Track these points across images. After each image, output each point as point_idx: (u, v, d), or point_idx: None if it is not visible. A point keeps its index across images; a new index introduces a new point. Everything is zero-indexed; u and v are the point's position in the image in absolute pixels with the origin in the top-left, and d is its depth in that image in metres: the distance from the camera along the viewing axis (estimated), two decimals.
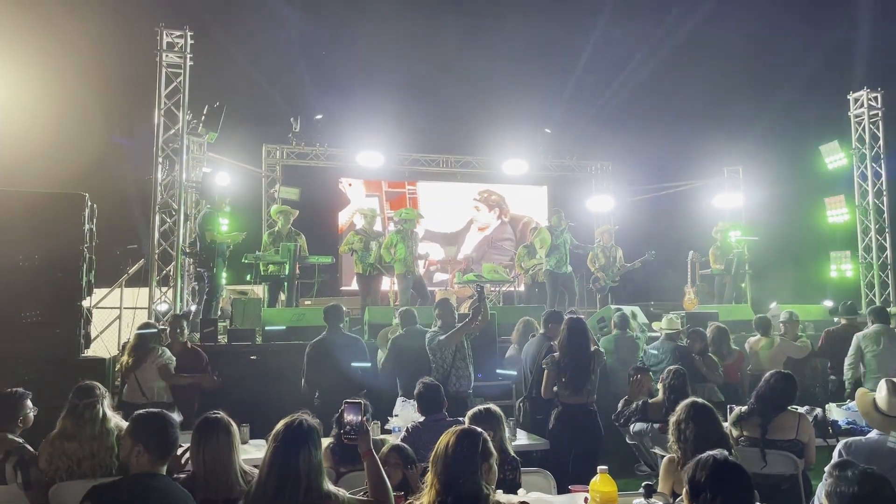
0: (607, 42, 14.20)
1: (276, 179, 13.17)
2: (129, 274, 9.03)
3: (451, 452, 2.78)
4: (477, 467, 2.76)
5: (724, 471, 2.40)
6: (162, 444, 3.04)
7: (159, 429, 3.08)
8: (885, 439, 3.67)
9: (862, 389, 4.05)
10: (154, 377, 6.18)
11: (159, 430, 3.07)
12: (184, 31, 8.22)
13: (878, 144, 10.74)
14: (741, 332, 9.12)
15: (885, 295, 10.51)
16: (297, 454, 2.78)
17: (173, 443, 3.11)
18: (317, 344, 6.61)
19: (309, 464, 2.78)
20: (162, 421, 3.13)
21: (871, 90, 10.79)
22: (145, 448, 2.99)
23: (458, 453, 2.77)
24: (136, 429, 3.08)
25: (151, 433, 3.04)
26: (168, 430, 3.10)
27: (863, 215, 10.86)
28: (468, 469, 2.75)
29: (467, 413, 4.06)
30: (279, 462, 2.79)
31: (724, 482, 2.38)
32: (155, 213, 8.12)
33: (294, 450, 2.79)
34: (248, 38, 12.93)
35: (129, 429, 3.12)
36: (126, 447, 3.07)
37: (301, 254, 9.82)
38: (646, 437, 5.52)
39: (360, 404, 3.11)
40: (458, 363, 6.33)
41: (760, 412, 4.47)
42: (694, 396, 4.25)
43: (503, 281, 10.83)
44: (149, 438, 3.02)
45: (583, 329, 5.65)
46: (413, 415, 5.15)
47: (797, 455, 4.36)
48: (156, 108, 8.19)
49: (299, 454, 2.77)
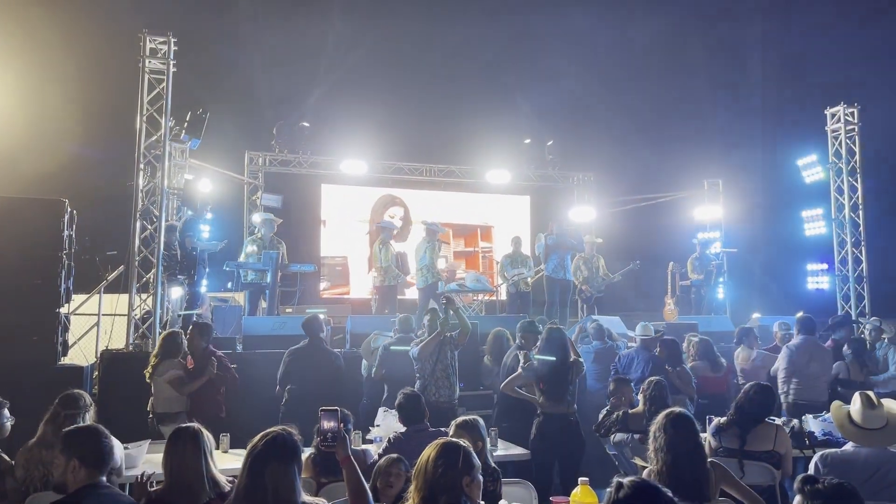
0: (590, 54, 14.36)
1: (258, 186, 13.12)
2: (108, 280, 8.94)
3: (432, 467, 2.79)
4: (459, 481, 2.77)
5: (643, 492, 2.32)
6: (96, 455, 3.04)
7: (91, 440, 3.08)
8: (860, 451, 3.73)
9: (837, 402, 4.10)
10: (164, 389, 6.18)
11: (91, 442, 3.07)
12: (167, 38, 8.17)
13: (854, 159, 10.92)
14: (720, 343, 9.23)
15: (861, 307, 10.67)
16: (265, 469, 2.75)
17: (107, 452, 3.10)
18: (295, 352, 6.62)
19: (277, 479, 2.73)
20: (92, 432, 3.13)
21: (847, 105, 10.97)
22: (80, 461, 2.99)
23: (440, 468, 2.78)
24: (67, 445, 3.07)
25: (83, 445, 3.04)
26: (99, 440, 3.10)
27: (839, 229, 11.02)
28: (450, 483, 2.76)
29: (451, 423, 4.07)
30: (248, 475, 2.78)
31: None
32: (136, 220, 8.05)
33: (261, 465, 2.77)
34: (232, 45, 12.92)
35: (60, 447, 3.10)
36: (60, 465, 3.06)
37: (282, 262, 9.80)
38: (626, 447, 5.55)
39: (337, 411, 3.11)
40: (437, 374, 6.35)
41: (739, 423, 4.53)
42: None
43: (486, 290, 10.86)
44: (82, 451, 3.01)
45: (562, 339, 5.69)
46: (395, 425, 5.15)
47: (775, 466, 4.42)
48: (138, 113, 8.13)
49: (266, 469, 2.75)
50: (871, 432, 3.76)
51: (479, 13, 14.44)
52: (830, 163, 11.08)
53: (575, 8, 14.52)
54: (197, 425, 3.24)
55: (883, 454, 3.68)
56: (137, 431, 5.73)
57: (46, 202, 7.22)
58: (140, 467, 4.87)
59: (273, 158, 13.34)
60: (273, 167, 13.38)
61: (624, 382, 6.19)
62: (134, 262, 7.99)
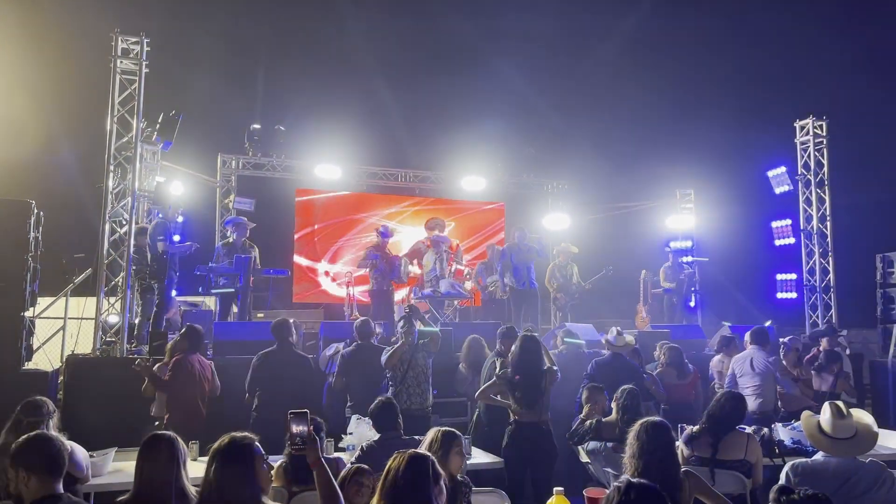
0: (564, 64, 14.48)
1: (230, 190, 12.97)
2: (75, 283, 8.77)
3: (402, 480, 2.77)
4: (430, 492, 2.75)
5: (638, 492, 2.44)
6: (43, 463, 2.95)
7: (35, 448, 2.99)
8: (829, 461, 3.77)
9: (807, 412, 4.15)
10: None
11: (36, 450, 2.98)
12: (139, 38, 8.06)
13: (822, 171, 11.11)
14: (691, 350, 9.32)
15: (828, 316, 10.85)
16: (219, 473, 2.77)
17: (54, 457, 3.00)
18: (265, 357, 6.52)
19: (230, 483, 2.77)
20: (36, 440, 3.05)
21: (816, 118, 11.17)
22: (27, 471, 2.90)
23: (409, 480, 2.76)
24: (14, 457, 2.98)
25: (27, 454, 2.96)
26: (45, 447, 3.01)
27: (807, 239, 11.21)
28: (420, 496, 2.74)
29: (429, 433, 4.04)
30: (205, 481, 2.79)
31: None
32: (105, 222, 7.90)
33: (215, 469, 2.79)
34: (206, 47, 12.78)
35: (9, 460, 3.01)
36: (12, 479, 2.96)
37: (255, 266, 9.68)
38: (599, 455, 5.55)
39: (307, 413, 3.08)
40: (409, 381, 6.33)
41: (711, 432, 4.56)
42: (647, 416, 4.32)
43: (461, 297, 10.84)
44: (29, 461, 2.93)
45: (535, 346, 5.69)
46: (368, 433, 5.11)
47: (745, 475, 4.46)
48: (108, 114, 7.99)
49: (220, 473, 2.77)
50: (841, 442, 3.80)
51: (456, 20, 14.47)
52: (799, 174, 11.26)
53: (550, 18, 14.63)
54: (171, 434, 3.17)
55: (853, 464, 3.72)
56: (104, 439, 5.61)
57: (12, 203, 7.06)
58: (106, 476, 4.77)
59: (246, 162, 13.21)
60: (246, 170, 13.25)
61: (597, 390, 6.20)
62: (102, 265, 7.84)
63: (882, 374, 8.98)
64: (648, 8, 14.48)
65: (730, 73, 13.32)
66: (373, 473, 3.77)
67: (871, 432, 3.89)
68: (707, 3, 14.56)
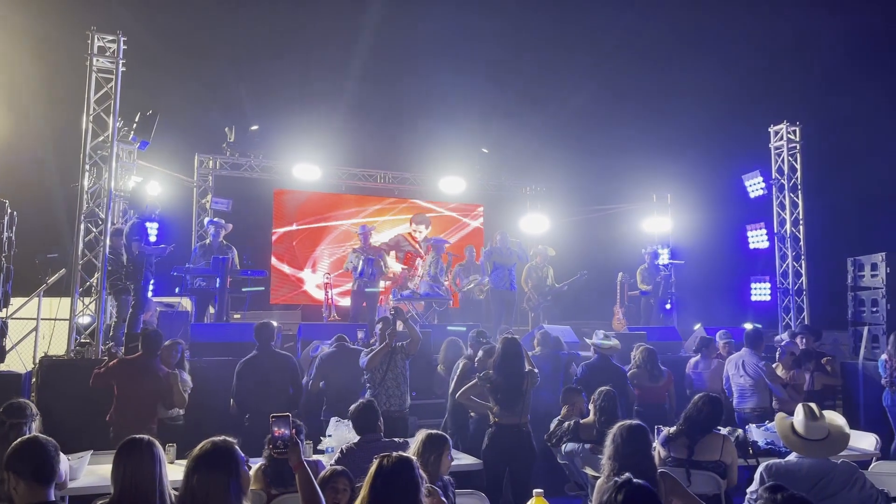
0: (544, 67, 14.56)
1: (208, 190, 12.86)
2: (49, 284, 8.64)
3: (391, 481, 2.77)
4: (419, 494, 2.77)
5: (633, 493, 2.49)
6: (33, 469, 2.93)
7: (28, 454, 2.97)
8: (802, 461, 3.84)
9: (781, 414, 4.22)
10: None
11: (28, 456, 2.97)
12: (116, 36, 7.97)
13: (795, 176, 11.28)
14: (667, 353, 9.42)
15: (801, 319, 11.02)
16: (198, 477, 2.76)
17: (44, 463, 2.98)
18: (248, 363, 6.47)
19: (210, 488, 2.75)
20: (30, 445, 3.02)
21: (790, 124, 11.34)
22: (17, 476, 2.88)
23: (398, 481, 2.77)
24: (7, 461, 2.96)
25: (20, 461, 2.94)
26: (36, 452, 2.99)
27: (781, 243, 11.38)
28: (410, 498, 2.76)
29: (418, 435, 4.06)
30: (185, 485, 2.79)
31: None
32: (80, 222, 7.80)
33: (194, 473, 2.78)
34: (183, 46, 12.67)
35: (4, 462, 2.99)
36: (5, 482, 2.95)
37: (232, 267, 9.62)
38: (577, 457, 5.60)
39: (289, 417, 3.09)
40: (388, 383, 6.34)
41: (688, 433, 4.63)
42: (623, 417, 4.38)
43: (440, 298, 10.86)
44: (19, 466, 2.91)
45: (516, 349, 5.73)
46: (347, 435, 5.10)
47: (720, 476, 4.53)
48: (84, 113, 7.90)
49: (199, 477, 2.76)
50: (814, 443, 3.87)
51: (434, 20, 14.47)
52: (773, 179, 11.43)
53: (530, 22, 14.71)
54: (150, 437, 3.15)
55: (825, 465, 3.79)
56: (78, 442, 5.55)
57: None
58: (82, 480, 4.72)
59: (224, 162, 13.10)
60: (223, 171, 13.14)
61: (575, 392, 6.25)
62: (77, 265, 7.74)
63: (853, 375, 9.13)
64: (626, 12, 14.64)
65: (706, 78, 13.47)
66: (350, 476, 3.77)
67: (843, 434, 3.97)
68: (684, 9, 14.73)
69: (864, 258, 10.30)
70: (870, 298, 10.16)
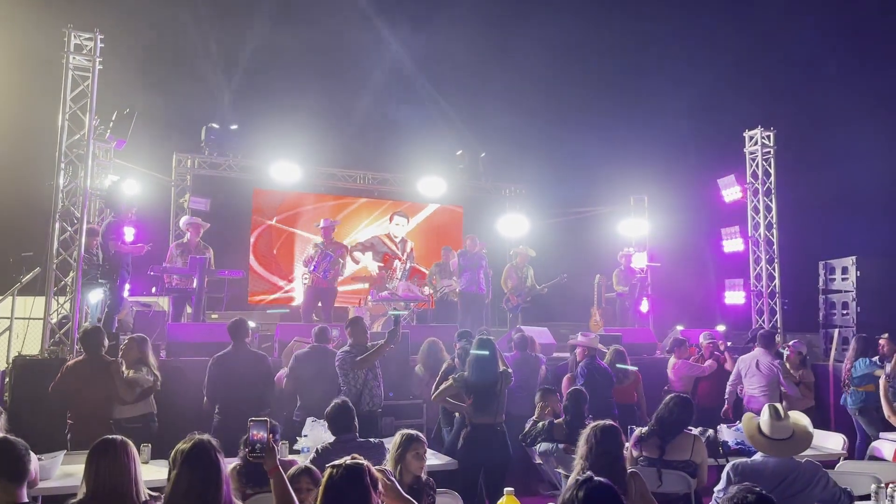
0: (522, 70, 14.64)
1: (185, 189, 12.78)
2: (23, 283, 8.55)
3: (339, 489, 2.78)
4: (370, 500, 2.78)
5: (594, 491, 2.50)
6: (8, 469, 2.95)
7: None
8: (767, 461, 3.93)
9: (748, 414, 4.32)
10: None
11: (0, 456, 2.98)
12: (93, 34, 7.91)
13: (769, 180, 11.46)
14: (643, 353, 9.55)
15: (773, 321, 11.19)
16: (192, 475, 2.79)
17: (15, 462, 2.99)
18: (220, 359, 6.46)
19: (198, 485, 2.78)
20: (2, 446, 3.04)
21: (764, 129, 11.52)
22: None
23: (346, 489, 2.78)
24: None
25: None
26: (7, 452, 3.01)
27: (755, 246, 11.55)
28: None
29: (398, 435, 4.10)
30: (173, 484, 2.79)
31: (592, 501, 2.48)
32: (55, 221, 7.73)
33: (189, 472, 2.78)
34: (161, 44, 12.59)
35: None
36: None
37: (209, 267, 9.59)
38: (551, 456, 5.68)
39: (266, 422, 3.10)
40: (370, 382, 6.37)
41: (660, 434, 4.71)
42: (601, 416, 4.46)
43: (417, 300, 10.89)
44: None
45: (490, 349, 5.78)
46: (323, 435, 5.13)
47: (691, 475, 4.61)
48: (60, 111, 7.83)
49: (193, 475, 2.78)
50: (779, 442, 3.97)
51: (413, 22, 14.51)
52: (748, 183, 11.61)
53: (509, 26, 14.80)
54: (122, 437, 3.15)
55: (790, 463, 3.89)
56: (52, 441, 5.53)
57: None
58: (55, 480, 4.70)
59: (202, 161, 13.02)
60: (202, 170, 13.06)
61: (550, 392, 6.33)
62: (52, 265, 7.68)
63: (824, 376, 9.30)
64: (603, 16, 14.78)
65: (682, 83, 13.63)
66: (313, 473, 3.80)
67: (807, 433, 4.08)
68: (660, 14, 14.91)
69: (836, 262, 10.52)
70: (840, 301, 10.38)
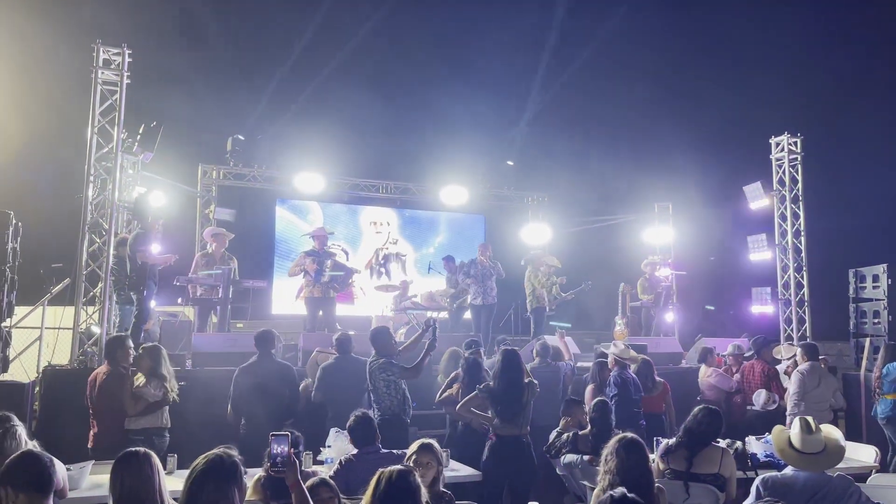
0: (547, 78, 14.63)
1: (211, 200, 12.93)
2: (53, 293, 8.69)
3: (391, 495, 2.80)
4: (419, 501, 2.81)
5: None
6: (35, 481, 2.97)
7: (25, 467, 3.01)
8: (798, 475, 3.85)
9: (778, 427, 4.23)
10: None
11: (25, 468, 3.01)
12: (121, 49, 8.05)
13: (797, 187, 11.29)
14: (669, 363, 9.44)
15: (802, 330, 11.01)
16: (202, 490, 2.76)
17: (42, 474, 3.02)
18: (246, 369, 6.48)
19: (214, 500, 2.75)
20: (26, 458, 3.06)
21: (791, 135, 11.36)
22: (15, 490, 2.92)
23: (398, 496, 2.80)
24: (3, 475, 2.99)
25: (17, 474, 2.98)
26: (33, 464, 3.03)
27: (782, 254, 11.38)
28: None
29: (412, 445, 4.09)
30: (187, 497, 2.78)
31: None
32: (84, 233, 7.86)
33: (198, 486, 2.77)
34: (187, 58, 12.77)
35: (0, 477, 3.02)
36: (3, 498, 2.98)
37: (234, 277, 9.67)
38: (576, 468, 5.62)
39: (288, 436, 3.10)
40: (405, 391, 6.39)
41: (687, 446, 4.62)
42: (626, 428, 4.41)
43: (440, 308, 10.89)
44: (17, 479, 2.95)
45: (516, 359, 5.75)
46: (347, 446, 5.12)
47: (719, 489, 4.52)
48: (89, 125, 7.97)
49: (203, 490, 2.75)
50: (810, 456, 3.89)
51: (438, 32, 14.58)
52: (775, 190, 11.44)
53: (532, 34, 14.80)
54: (146, 449, 3.18)
55: (821, 478, 3.80)
56: (81, 451, 5.59)
57: None
58: (84, 490, 4.75)
59: (227, 172, 13.18)
60: (227, 181, 13.21)
61: (575, 403, 6.28)
62: (81, 275, 7.80)
63: (855, 387, 9.13)
64: (627, 23, 14.72)
65: (708, 89, 13.54)
66: (331, 484, 3.79)
67: (839, 447, 3.99)
68: (686, 19, 14.82)
69: (866, 269, 10.32)
70: (871, 310, 10.17)
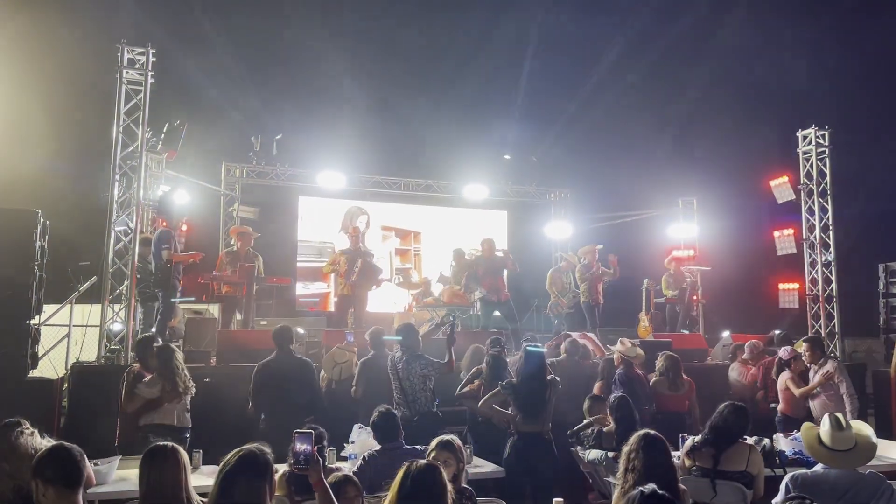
0: (569, 74, 14.54)
1: (234, 198, 13.04)
2: (80, 291, 8.81)
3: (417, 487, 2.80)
4: (446, 497, 2.80)
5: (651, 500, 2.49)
6: (64, 475, 3.00)
7: (54, 460, 3.04)
8: (829, 472, 3.78)
9: (808, 424, 4.16)
10: None
11: (55, 462, 3.03)
12: (146, 49, 8.13)
13: (824, 181, 11.09)
14: (694, 360, 9.34)
15: (830, 326, 10.83)
16: (234, 486, 2.77)
17: (72, 469, 3.05)
18: (265, 365, 6.51)
19: (247, 496, 2.76)
20: (57, 451, 3.09)
21: (818, 128, 11.16)
22: (45, 483, 2.95)
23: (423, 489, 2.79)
24: (34, 469, 3.03)
25: (47, 467, 3.01)
26: (63, 458, 3.06)
27: (810, 249, 11.20)
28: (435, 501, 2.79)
29: (432, 442, 4.08)
30: (218, 492, 2.79)
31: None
32: (110, 231, 7.95)
33: (231, 481, 2.78)
34: (210, 57, 12.88)
35: (31, 471, 3.06)
36: (34, 490, 3.02)
37: (258, 275, 9.73)
38: (600, 465, 5.58)
39: (311, 434, 3.10)
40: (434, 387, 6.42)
41: (714, 443, 4.55)
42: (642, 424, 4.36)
43: (462, 307, 10.86)
44: (47, 473, 2.98)
45: (540, 357, 5.72)
46: (370, 442, 5.13)
47: (747, 486, 4.46)
48: (114, 124, 8.06)
49: (235, 486, 2.77)
50: (841, 454, 3.82)
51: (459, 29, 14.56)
52: (802, 184, 11.26)
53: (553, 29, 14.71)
54: (173, 444, 3.21)
55: (852, 476, 3.73)
56: (108, 447, 5.65)
57: (19, 212, 7.11)
58: (111, 484, 4.80)
59: (250, 170, 13.27)
60: (250, 179, 13.32)
61: (600, 400, 6.23)
62: (107, 274, 7.89)
63: (885, 383, 8.97)
64: (652, 18, 14.57)
65: (733, 83, 13.38)
66: (356, 482, 3.79)
67: (871, 444, 3.91)
68: (711, 13, 14.63)
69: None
70: None
